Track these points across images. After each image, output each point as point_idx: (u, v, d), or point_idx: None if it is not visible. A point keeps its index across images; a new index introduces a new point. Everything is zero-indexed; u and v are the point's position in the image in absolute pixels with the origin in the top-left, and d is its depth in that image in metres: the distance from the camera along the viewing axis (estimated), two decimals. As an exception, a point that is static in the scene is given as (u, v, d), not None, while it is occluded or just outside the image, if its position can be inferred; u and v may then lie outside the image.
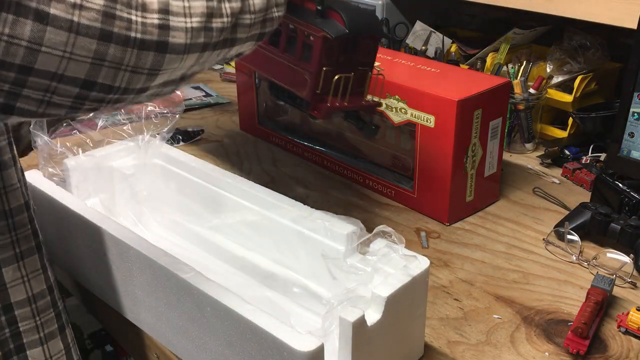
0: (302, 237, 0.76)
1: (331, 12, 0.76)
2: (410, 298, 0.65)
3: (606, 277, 0.78)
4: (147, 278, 0.71)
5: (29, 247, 0.63)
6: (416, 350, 0.71)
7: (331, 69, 0.77)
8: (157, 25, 0.51)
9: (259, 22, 0.62)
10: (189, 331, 0.68)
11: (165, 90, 0.57)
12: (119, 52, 0.49)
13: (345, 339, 0.58)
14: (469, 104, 0.91)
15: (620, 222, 0.87)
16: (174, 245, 0.89)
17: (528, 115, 1.16)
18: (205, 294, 0.62)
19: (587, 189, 1.05)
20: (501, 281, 0.84)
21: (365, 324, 0.59)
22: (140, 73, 0.51)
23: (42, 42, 0.46)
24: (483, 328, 0.76)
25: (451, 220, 0.97)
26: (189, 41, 0.53)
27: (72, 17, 0.46)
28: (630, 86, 0.94)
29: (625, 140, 0.96)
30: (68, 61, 0.48)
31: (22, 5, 0.45)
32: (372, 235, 0.70)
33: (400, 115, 0.97)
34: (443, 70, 1.02)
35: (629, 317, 0.73)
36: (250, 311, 0.59)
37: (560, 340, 0.73)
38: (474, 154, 0.95)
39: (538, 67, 1.22)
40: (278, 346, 0.56)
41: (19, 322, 0.62)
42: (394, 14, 1.39)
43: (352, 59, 0.79)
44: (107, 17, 0.48)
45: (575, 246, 0.89)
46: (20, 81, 0.47)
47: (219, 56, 0.60)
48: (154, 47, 0.51)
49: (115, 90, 0.51)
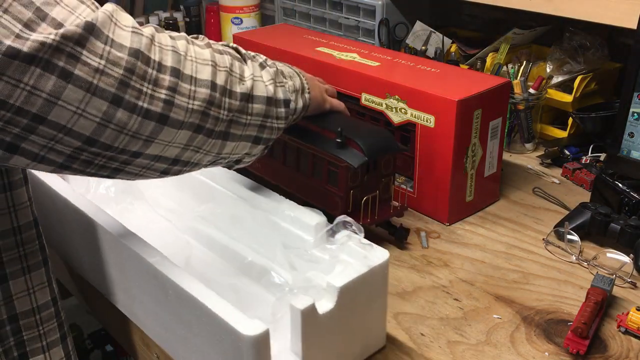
0: (276, 228, 0.79)
1: (350, 141, 0.84)
2: (367, 289, 0.66)
3: (606, 277, 0.78)
4: (122, 261, 0.74)
5: (36, 262, 0.66)
6: (376, 342, 0.72)
7: (358, 190, 0.86)
8: (163, 100, 0.56)
9: (255, 125, 0.69)
10: (158, 314, 0.71)
11: (157, 166, 0.61)
12: (125, 116, 0.54)
13: (295, 326, 0.61)
14: (469, 104, 0.91)
15: (620, 222, 0.87)
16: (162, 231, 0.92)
17: (528, 115, 1.16)
18: (168, 278, 0.65)
19: (587, 189, 1.05)
20: (501, 281, 0.84)
21: (316, 312, 0.61)
22: (138, 138, 0.56)
23: (60, 97, 0.50)
24: (483, 328, 0.76)
25: (451, 220, 0.97)
26: (187, 119, 0.59)
27: (93, 80, 0.51)
28: (630, 86, 0.94)
29: (625, 140, 0.96)
30: (79, 117, 0.52)
31: (51, 62, 0.49)
32: (334, 225, 0.72)
33: (400, 115, 0.97)
34: (443, 70, 1.02)
35: (629, 317, 0.73)
36: (206, 296, 0.61)
37: (560, 340, 0.73)
38: (474, 154, 0.95)
39: (538, 67, 1.22)
40: (227, 330, 0.59)
41: (23, 331, 0.65)
42: (394, 14, 1.39)
43: (376, 175, 0.88)
44: (122, 84, 0.53)
45: (575, 246, 0.89)
46: (31, 128, 0.51)
47: (214, 148, 0.65)
48: (156, 118, 0.56)
49: (113, 149, 0.56)
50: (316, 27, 1.54)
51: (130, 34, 0.54)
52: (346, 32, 1.48)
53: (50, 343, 0.68)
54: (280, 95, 0.72)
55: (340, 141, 0.84)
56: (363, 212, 0.86)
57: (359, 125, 0.89)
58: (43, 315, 0.67)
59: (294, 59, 1.13)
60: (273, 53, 1.17)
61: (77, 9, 0.52)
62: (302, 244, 0.75)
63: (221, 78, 0.62)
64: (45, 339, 0.67)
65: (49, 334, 0.68)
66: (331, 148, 0.85)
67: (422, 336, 0.74)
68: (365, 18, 1.42)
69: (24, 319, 0.65)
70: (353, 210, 0.86)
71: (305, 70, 1.08)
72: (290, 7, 1.60)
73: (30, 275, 0.65)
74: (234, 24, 1.62)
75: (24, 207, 0.65)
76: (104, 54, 0.52)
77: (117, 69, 0.52)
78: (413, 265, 0.88)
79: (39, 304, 0.66)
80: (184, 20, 1.95)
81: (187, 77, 0.58)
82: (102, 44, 0.52)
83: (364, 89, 1.01)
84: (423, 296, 0.81)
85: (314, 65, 1.09)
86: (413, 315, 0.78)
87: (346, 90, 1.05)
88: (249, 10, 1.61)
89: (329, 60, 1.08)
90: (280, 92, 0.72)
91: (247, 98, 0.66)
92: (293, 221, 0.77)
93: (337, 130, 0.84)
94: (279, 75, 0.73)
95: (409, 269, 0.87)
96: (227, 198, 0.86)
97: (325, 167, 0.87)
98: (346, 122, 0.88)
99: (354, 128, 0.86)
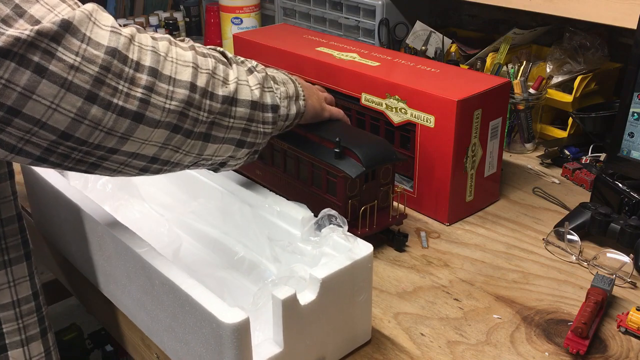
0: (264, 222, 0.80)
1: (348, 151, 0.85)
2: (350, 282, 0.67)
3: (606, 277, 0.78)
4: (111, 252, 0.76)
5: (17, 256, 0.67)
6: (361, 335, 0.73)
7: (357, 200, 0.87)
8: (139, 99, 0.57)
9: (238, 128, 0.69)
10: (145, 303, 0.72)
11: (134, 163, 0.62)
12: (99, 113, 0.55)
13: (277, 315, 0.61)
14: (469, 104, 0.91)
15: (620, 222, 0.87)
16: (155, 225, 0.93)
17: (528, 115, 1.16)
18: (155, 268, 0.66)
19: (587, 189, 1.05)
20: (501, 281, 0.84)
21: (298, 302, 0.62)
22: (113, 135, 0.57)
23: (34, 91, 0.52)
24: (483, 328, 0.76)
25: (451, 220, 0.97)
26: (163, 119, 0.60)
27: (67, 76, 0.53)
28: (630, 86, 0.94)
29: (625, 140, 0.96)
30: (53, 112, 0.53)
31: (26, 57, 0.51)
32: (319, 218, 0.73)
33: (400, 115, 0.97)
34: (443, 70, 1.02)
35: (629, 317, 0.73)
36: (190, 286, 0.63)
37: (560, 340, 0.73)
38: (474, 154, 0.95)
39: (538, 67, 1.22)
40: (209, 318, 0.60)
41: (2, 323, 0.66)
42: (394, 14, 1.39)
43: (374, 184, 0.88)
44: (97, 81, 0.54)
45: (575, 246, 0.89)
46: (7, 120, 0.53)
47: (194, 148, 0.65)
48: (131, 116, 0.57)
49: (88, 144, 0.57)
50: (316, 27, 1.54)
51: (109, 33, 0.55)
52: (346, 32, 1.48)
53: (30, 337, 0.68)
54: (268, 100, 0.72)
55: (338, 151, 0.84)
56: (362, 222, 0.86)
57: (357, 134, 0.90)
58: (23, 308, 0.67)
59: (294, 59, 1.13)
60: (273, 53, 1.18)
61: (56, 7, 0.53)
62: (289, 237, 0.76)
63: (202, 80, 0.63)
64: (25, 332, 0.68)
65: (29, 328, 0.68)
66: (330, 158, 0.86)
67: (422, 336, 0.74)
68: (365, 18, 1.42)
69: (3, 312, 0.65)
70: (352, 219, 0.86)
71: (305, 70, 1.08)
72: (290, 7, 1.60)
73: (11, 268, 0.66)
74: (234, 24, 1.62)
75: (8, 201, 0.66)
76: (79, 51, 0.53)
77: (93, 67, 0.54)
78: (413, 265, 0.88)
79: (19, 297, 0.67)
80: (184, 20, 1.95)
81: (165, 77, 0.59)
82: (78, 42, 0.53)
83: (364, 89, 1.01)
84: (423, 296, 0.81)
85: (314, 65, 1.09)
86: (413, 315, 0.78)
87: (346, 90, 1.05)
88: (249, 10, 1.61)
89: (329, 60, 1.08)
90: (268, 97, 0.72)
91: (230, 101, 0.67)
92: (280, 215, 0.78)
93: (336, 140, 0.84)
94: (268, 80, 0.73)
95: (409, 269, 0.87)
96: (218, 193, 0.88)
97: (324, 176, 0.88)
98: (345, 131, 0.88)
99: (352, 138, 0.87)
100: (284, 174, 0.95)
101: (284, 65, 1.16)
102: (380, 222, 0.89)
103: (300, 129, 0.86)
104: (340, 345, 0.71)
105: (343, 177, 0.84)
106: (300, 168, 0.92)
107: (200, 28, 1.95)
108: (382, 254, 0.90)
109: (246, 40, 1.24)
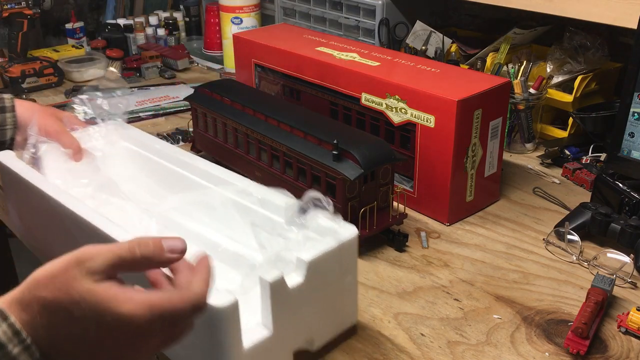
0: (248, 211, 0.80)
1: (346, 153, 0.85)
2: (336, 264, 0.68)
3: (606, 277, 0.78)
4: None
5: None
6: (348, 318, 0.73)
7: (357, 201, 0.87)
8: None
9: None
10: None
11: None
12: None
13: (265, 298, 0.62)
14: (469, 104, 0.91)
15: (620, 222, 0.87)
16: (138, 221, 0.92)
17: (528, 115, 1.16)
18: None
19: (587, 189, 1.05)
20: (501, 281, 0.84)
21: (285, 285, 0.63)
22: None
23: None
24: (483, 328, 0.76)
25: (451, 220, 0.97)
26: None
27: None
28: (630, 86, 0.94)
29: (625, 140, 0.96)
30: None
31: None
32: (303, 202, 0.73)
33: (400, 115, 0.97)
34: (443, 70, 1.02)
35: (629, 317, 0.73)
36: None
37: (560, 340, 0.73)
38: (474, 154, 0.95)
39: (538, 67, 1.22)
40: None
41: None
42: (394, 14, 1.39)
43: (373, 185, 0.88)
44: None
45: (575, 246, 0.88)
46: None
47: None
48: None
49: None
50: (316, 27, 1.54)
51: None
52: (346, 32, 1.48)
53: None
54: None
55: (336, 153, 0.84)
56: (362, 223, 0.86)
57: (356, 135, 0.90)
58: None
59: (294, 58, 1.13)
60: (273, 53, 1.18)
61: None
62: (273, 224, 0.76)
63: None
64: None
65: None
66: (328, 160, 0.86)
67: (422, 336, 0.74)
68: (365, 18, 1.42)
69: None
70: (352, 220, 0.85)
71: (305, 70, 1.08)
72: (290, 7, 1.60)
73: None
74: (234, 24, 1.62)
75: None
76: None
77: None
78: (413, 265, 0.88)
79: None
80: (183, 20, 1.95)
81: None
82: None
83: (364, 89, 1.01)
84: (423, 296, 0.81)
85: (314, 65, 1.09)
86: (413, 316, 0.78)
87: (346, 90, 1.05)
88: (249, 10, 1.61)
89: (329, 60, 1.08)
90: None
91: None
92: (262, 203, 0.79)
93: (334, 142, 0.84)
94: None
95: (409, 269, 0.87)
96: (199, 186, 0.88)
97: (323, 178, 0.88)
98: (343, 132, 0.88)
99: (350, 139, 0.87)
100: (283, 175, 0.95)
101: (284, 65, 1.16)
102: (380, 222, 0.89)
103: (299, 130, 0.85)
104: (328, 328, 0.71)
105: (342, 180, 0.84)
106: (299, 170, 0.92)
107: (200, 28, 1.95)
108: (382, 254, 0.90)
109: (246, 40, 1.24)
